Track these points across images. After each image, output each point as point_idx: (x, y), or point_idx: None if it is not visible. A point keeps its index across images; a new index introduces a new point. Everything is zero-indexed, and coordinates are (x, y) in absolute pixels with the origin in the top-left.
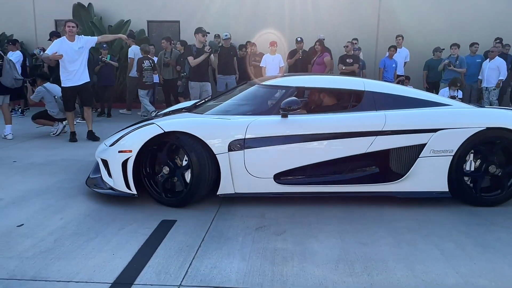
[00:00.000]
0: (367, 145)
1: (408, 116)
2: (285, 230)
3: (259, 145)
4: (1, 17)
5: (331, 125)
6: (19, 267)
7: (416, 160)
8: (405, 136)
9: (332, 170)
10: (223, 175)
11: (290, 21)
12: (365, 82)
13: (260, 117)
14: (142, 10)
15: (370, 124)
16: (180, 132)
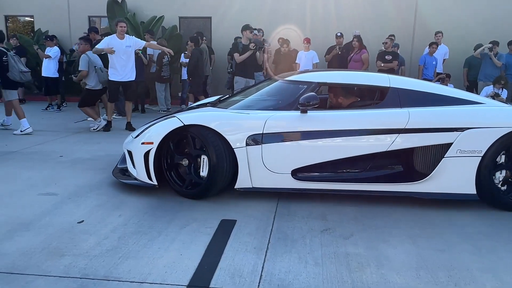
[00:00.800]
0: (388, 143)
1: (433, 114)
2: (352, 234)
3: (277, 140)
4: (37, 13)
5: (351, 122)
6: (89, 265)
7: (441, 160)
8: (429, 134)
9: (352, 167)
10: (241, 169)
11: (325, 16)
12: (390, 78)
13: (278, 112)
14: (174, 7)
15: (392, 121)
16: (199, 126)
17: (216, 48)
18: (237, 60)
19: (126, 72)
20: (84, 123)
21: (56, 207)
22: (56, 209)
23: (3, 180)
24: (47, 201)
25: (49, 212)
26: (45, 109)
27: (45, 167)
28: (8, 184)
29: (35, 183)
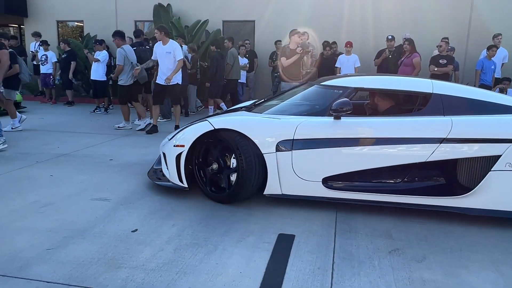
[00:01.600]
0: (428, 154)
1: (479, 123)
2: (424, 256)
3: (308, 147)
4: (86, 19)
5: (388, 129)
6: (147, 280)
7: (487, 173)
8: (474, 145)
9: (388, 178)
10: (270, 175)
11: (374, 18)
12: (434, 83)
13: (310, 118)
14: (218, 10)
15: (433, 130)
16: (229, 130)
17: (259, 52)
18: (284, 64)
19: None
20: (132, 125)
21: (109, 213)
22: (109, 215)
23: (57, 183)
24: (100, 207)
25: (102, 219)
26: (93, 111)
27: (96, 171)
28: (62, 187)
29: (87, 187)
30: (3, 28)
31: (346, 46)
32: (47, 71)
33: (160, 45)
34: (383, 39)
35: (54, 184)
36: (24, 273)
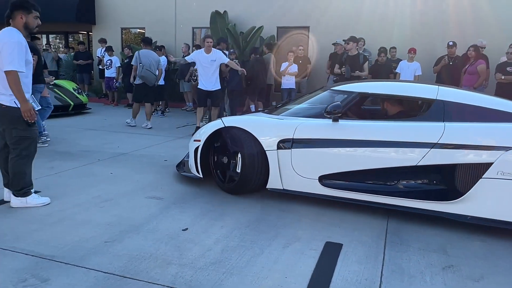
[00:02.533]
0: (419, 158)
1: (472, 129)
2: (482, 276)
3: (305, 146)
4: (148, 26)
5: (381, 133)
6: (195, 278)
7: (478, 180)
8: (465, 151)
9: (380, 179)
10: (272, 171)
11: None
12: (440, 90)
13: (312, 120)
14: (273, 17)
15: (424, 135)
16: (237, 128)
17: (314, 57)
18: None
19: (211, 82)
20: (186, 128)
21: (162, 211)
22: (162, 213)
23: (116, 181)
24: (154, 205)
25: (155, 216)
26: None
27: (152, 171)
28: (120, 185)
29: (143, 185)
30: (74, 35)
31: (409, 52)
32: (111, 75)
33: (203, 54)
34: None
35: (113, 181)
36: (84, 263)
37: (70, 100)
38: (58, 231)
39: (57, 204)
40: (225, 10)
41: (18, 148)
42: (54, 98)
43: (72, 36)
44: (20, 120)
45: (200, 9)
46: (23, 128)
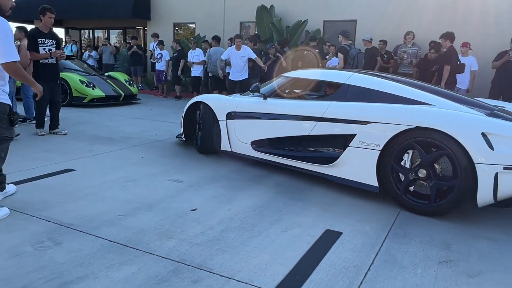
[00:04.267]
0: (310, 128)
1: (346, 107)
2: (480, 272)
3: (243, 118)
4: (198, 21)
5: (291, 108)
6: (189, 252)
7: (345, 148)
8: (338, 124)
9: (287, 145)
10: (223, 136)
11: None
12: (352, 76)
13: (248, 97)
14: (319, 10)
15: (315, 110)
16: (202, 102)
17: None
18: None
19: (241, 73)
20: None
21: (178, 193)
22: (177, 195)
23: (145, 164)
24: (173, 187)
25: (171, 196)
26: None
27: (179, 156)
28: (147, 167)
29: (168, 169)
30: (131, 30)
31: (462, 46)
32: (161, 68)
33: (234, 50)
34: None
35: (142, 164)
36: (95, 232)
37: (122, 90)
38: (82, 204)
39: (87, 181)
40: (271, 4)
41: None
42: (107, 89)
43: (129, 31)
44: (4, 118)
45: (248, 3)
46: (5, 127)
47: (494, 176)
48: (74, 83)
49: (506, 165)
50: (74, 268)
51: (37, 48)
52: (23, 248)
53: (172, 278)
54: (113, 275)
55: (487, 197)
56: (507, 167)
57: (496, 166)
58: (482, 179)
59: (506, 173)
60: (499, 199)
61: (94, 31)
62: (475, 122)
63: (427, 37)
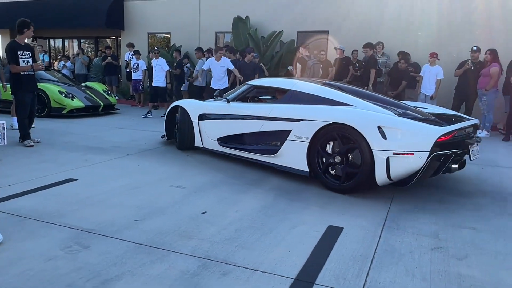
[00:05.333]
0: (260, 126)
1: (285, 108)
2: (467, 255)
3: (211, 118)
4: (173, 31)
5: (249, 110)
6: (211, 249)
7: (284, 141)
8: (279, 122)
9: (244, 140)
10: (196, 134)
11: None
12: (297, 83)
13: (215, 101)
14: (293, 21)
15: (263, 111)
16: (180, 106)
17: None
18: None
19: (221, 83)
20: None
21: (184, 198)
22: (184, 199)
23: (143, 172)
24: (177, 193)
25: (178, 201)
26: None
27: (175, 164)
28: (147, 175)
29: (167, 176)
30: (103, 40)
31: (430, 56)
32: (137, 77)
33: (214, 61)
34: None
35: (141, 172)
36: (117, 235)
37: (100, 101)
38: (95, 211)
39: (93, 189)
40: (247, 15)
41: None
42: (85, 99)
43: (101, 40)
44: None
45: (223, 15)
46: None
47: (386, 159)
48: (52, 94)
49: (395, 150)
50: (109, 268)
51: (17, 60)
52: (54, 253)
53: (203, 272)
54: (148, 272)
55: (382, 177)
56: (395, 152)
57: (388, 152)
58: (378, 163)
59: (395, 157)
60: (393, 178)
61: (64, 40)
62: (373, 117)
63: (397, 48)
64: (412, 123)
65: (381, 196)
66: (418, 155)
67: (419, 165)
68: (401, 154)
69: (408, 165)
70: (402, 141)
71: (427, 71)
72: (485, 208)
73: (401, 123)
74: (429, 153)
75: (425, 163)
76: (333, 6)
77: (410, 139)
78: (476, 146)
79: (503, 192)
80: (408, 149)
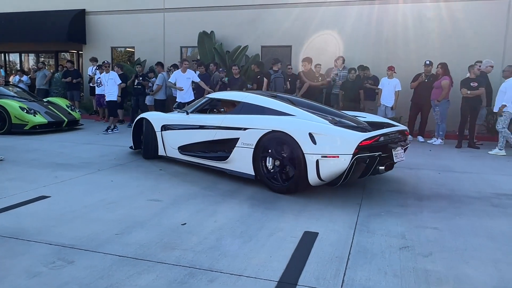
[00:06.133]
0: (213, 135)
1: (234, 118)
2: (431, 253)
3: (172, 129)
4: (137, 45)
5: (204, 121)
6: (195, 259)
7: (233, 148)
8: (229, 131)
9: (201, 148)
10: (159, 144)
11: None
12: (247, 96)
13: (176, 113)
14: (257, 36)
15: (215, 122)
16: (145, 118)
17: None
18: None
19: (187, 95)
20: None
21: (162, 210)
22: (162, 212)
23: (117, 187)
24: (154, 206)
25: (157, 214)
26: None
27: (149, 178)
28: (121, 190)
29: (142, 190)
30: (64, 54)
31: (388, 70)
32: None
33: (180, 73)
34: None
35: (115, 187)
36: (100, 249)
37: (64, 116)
38: (74, 227)
39: (68, 206)
40: (212, 30)
41: None
42: (48, 115)
43: (62, 54)
44: None
45: (188, 29)
46: None
47: (316, 162)
48: (13, 110)
49: (323, 154)
50: (97, 281)
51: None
52: (37, 269)
53: (190, 280)
54: (136, 283)
55: (314, 178)
56: (324, 155)
57: (317, 155)
58: (309, 165)
59: (323, 160)
60: (323, 178)
61: (21, 54)
62: (305, 125)
63: (357, 62)
64: (339, 130)
65: (350, 202)
66: (342, 157)
67: (344, 166)
68: (329, 157)
69: (335, 167)
70: (329, 145)
71: (386, 83)
72: (444, 210)
73: (330, 130)
74: (352, 155)
75: (349, 165)
76: (296, 22)
77: (336, 143)
78: (400, 149)
79: (459, 194)
80: (334, 152)
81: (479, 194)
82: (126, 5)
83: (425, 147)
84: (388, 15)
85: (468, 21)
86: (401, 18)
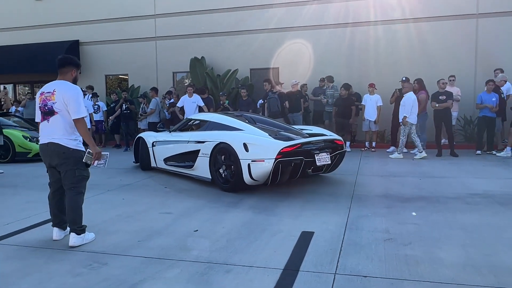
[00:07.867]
0: (186, 148)
1: (198, 134)
2: (411, 242)
3: (159, 144)
4: (131, 72)
5: (182, 137)
6: (212, 255)
7: (197, 158)
8: (194, 144)
9: (180, 159)
10: (151, 157)
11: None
12: (213, 116)
13: (163, 133)
14: (246, 60)
15: (187, 137)
16: (141, 137)
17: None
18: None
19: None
20: None
21: (174, 221)
22: (175, 222)
23: (129, 204)
24: (167, 217)
25: (171, 224)
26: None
27: (157, 195)
28: (134, 206)
29: (153, 206)
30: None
31: (369, 86)
32: (99, 118)
33: (187, 97)
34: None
35: (127, 204)
36: (128, 253)
37: None
38: (99, 237)
39: (88, 221)
40: (202, 56)
41: (78, 187)
42: None
43: None
44: (82, 162)
45: (180, 56)
46: (83, 168)
47: (248, 165)
48: (17, 139)
49: (253, 158)
50: (132, 276)
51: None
52: (78, 270)
53: (210, 272)
54: (165, 276)
55: (248, 178)
56: (253, 160)
57: (248, 160)
58: (243, 167)
59: (253, 163)
60: (254, 178)
61: (16, 85)
62: (242, 137)
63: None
64: (266, 140)
65: (341, 206)
66: (267, 161)
67: (269, 168)
68: (257, 161)
69: (261, 169)
70: (258, 152)
71: (368, 99)
72: (424, 209)
73: (259, 140)
74: (274, 159)
75: (273, 167)
76: (283, 45)
77: (263, 150)
78: (324, 155)
79: (437, 196)
80: (260, 157)
81: (455, 194)
82: (119, 35)
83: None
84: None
85: (436, 38)
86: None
